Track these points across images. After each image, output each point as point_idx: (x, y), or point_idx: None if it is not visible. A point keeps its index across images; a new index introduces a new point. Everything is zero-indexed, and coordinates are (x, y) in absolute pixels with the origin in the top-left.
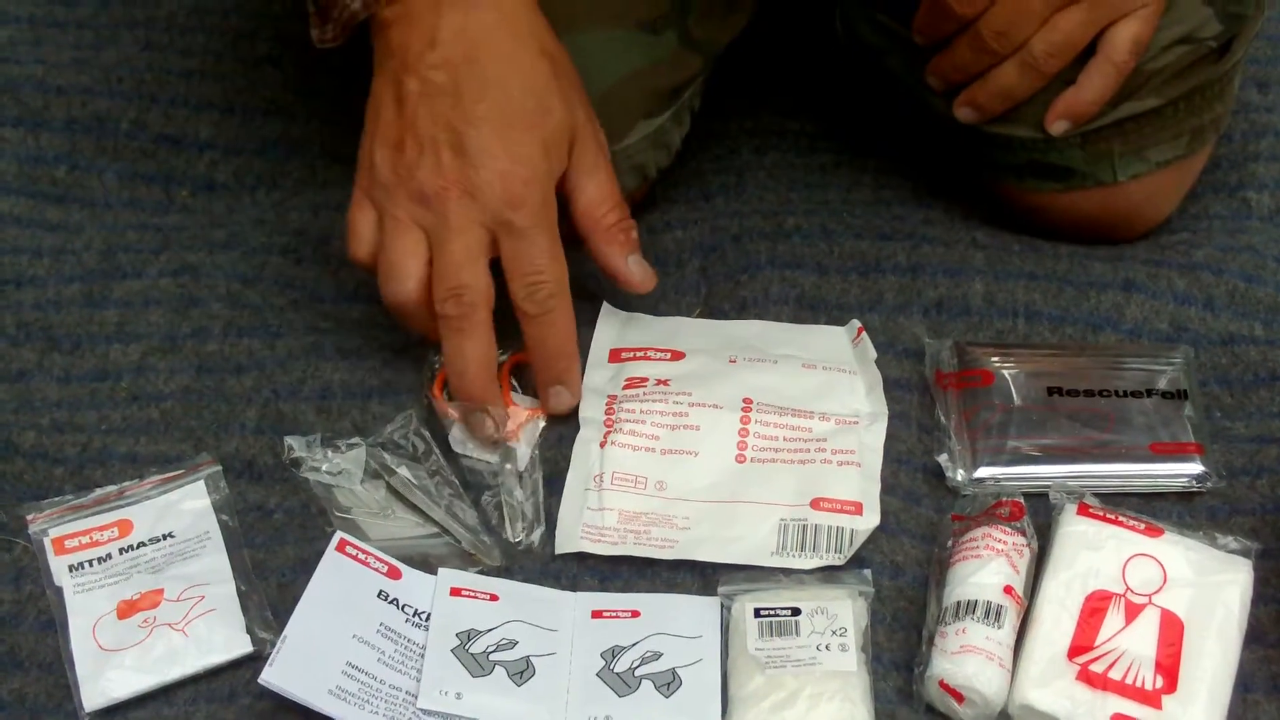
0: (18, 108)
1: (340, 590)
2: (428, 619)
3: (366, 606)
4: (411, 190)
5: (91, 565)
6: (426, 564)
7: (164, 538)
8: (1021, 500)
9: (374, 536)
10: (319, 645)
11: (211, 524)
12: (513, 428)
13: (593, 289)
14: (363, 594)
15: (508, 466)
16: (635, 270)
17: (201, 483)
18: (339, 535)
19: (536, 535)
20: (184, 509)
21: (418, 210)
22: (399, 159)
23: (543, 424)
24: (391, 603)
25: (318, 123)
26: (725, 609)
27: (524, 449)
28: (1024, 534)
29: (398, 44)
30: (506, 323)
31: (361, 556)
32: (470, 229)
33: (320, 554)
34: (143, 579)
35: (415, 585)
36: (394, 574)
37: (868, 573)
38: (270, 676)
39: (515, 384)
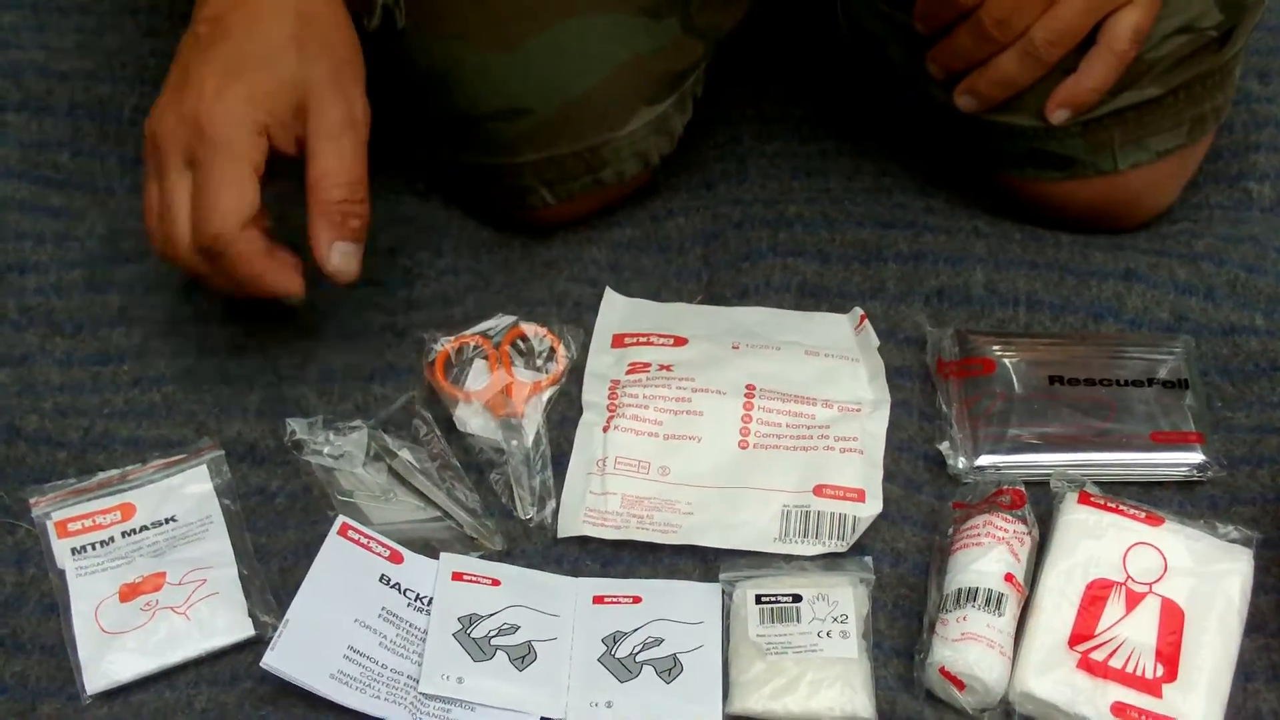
0: (20, 92)
1: (342, 574)
2: (429, 603)
3: (368, 591)
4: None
5: (94, 549)
6: (428, 548)
7: (166, 521)
8: (1023, 488)
9: (375, 520)
10: (321, 629)
11: (214, 508)
12: (517, 402)
13: (594, 275)
14: (365, 578)
15: (514, 443)
16: (337, 259)
17: (204, 467)
18: (341, 519)
19: (548, 511)
20: (186, 493)
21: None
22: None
23: (547, 397)
24: (393, 587)
25: None
26: (726, 595)
27: (529, 425)
28: (1025, 522)
29: None
30: (506, 291)
31: (363, 541)
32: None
33: (322, 538)
34: (145, 562)
35: (417, 570)
36: (396, 558)
37: (869, 560)
38: (272, 660)
39: (515, 357)
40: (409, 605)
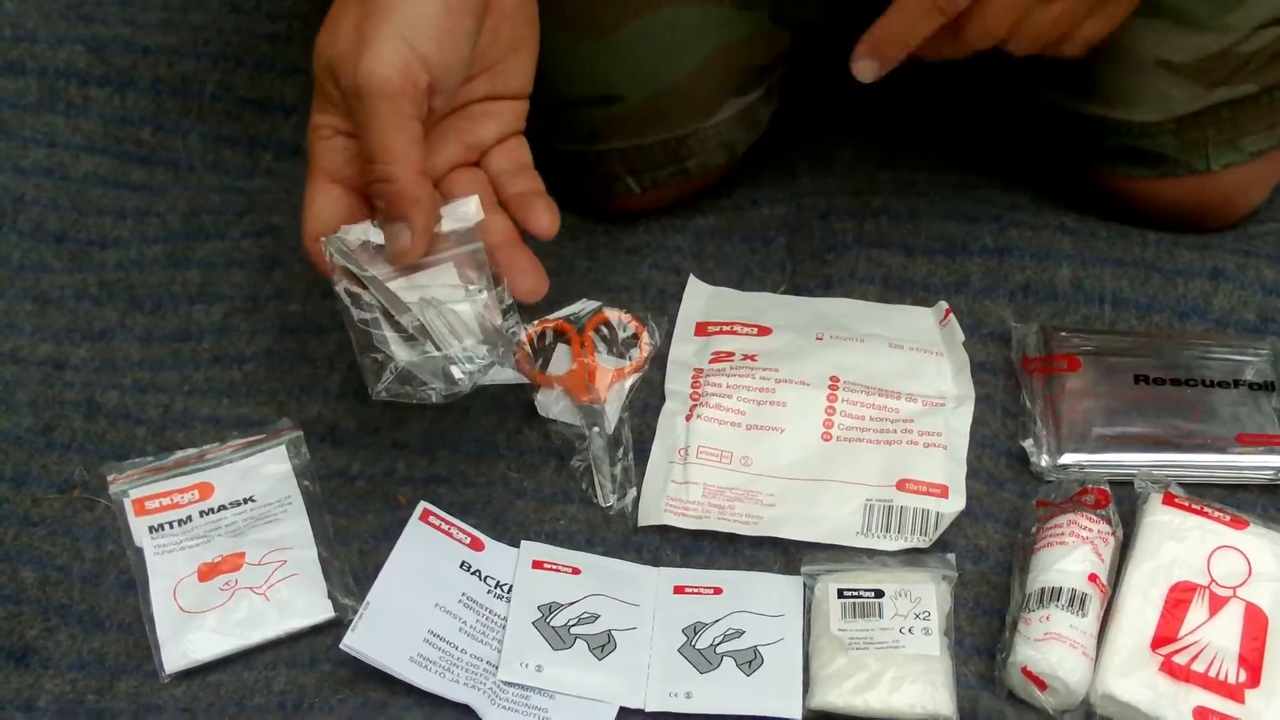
0: (105, 67)
1: (423, 559)
2: (509, 591)
3: (449, 576)
4: None
5: (172, 527)
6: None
7: (245, 501)
8: (1107, 488)
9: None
10: (401, 613)
11: (293, 489)
12: (599, 388)
13: (677, 262)
14: (445, 564)
15: (595, 429)
16: (387, 241)
17: (283, 447)
18: (423, 505)
19: (628, 499)
20: (265, 473)
21: None
22: None
23: (629, 384)
24: (474, 574)
25: None
26: (808, 588)
27: (611, 411)
28: (1109, 522)
29: None
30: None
31: (444, 527)
32: None
33: (402, 522)
34: (224, 542)
35: (497, 557)
36: (476, 545)
37: (951, 556)
38: (352, 641)
39: (598, 343)
40: (489, 592)
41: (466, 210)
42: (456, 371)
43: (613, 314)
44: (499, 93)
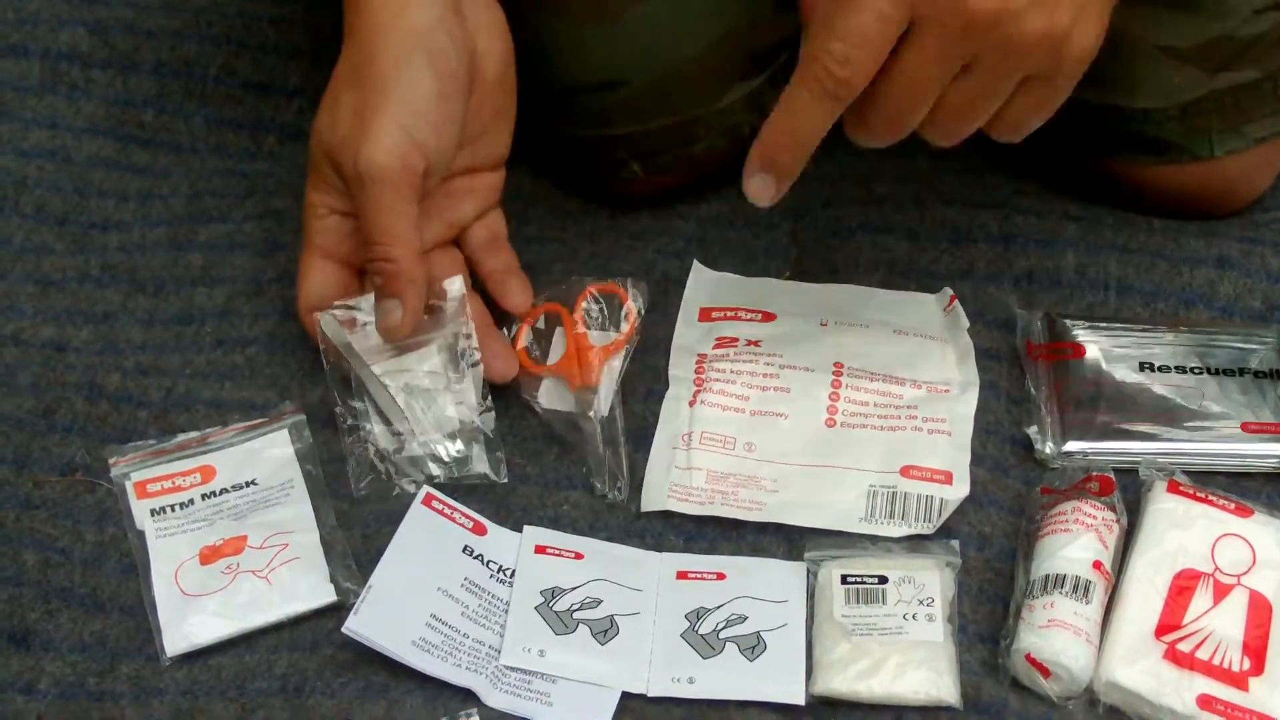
0: (107, 50)
1: (425, 543)
2: (512, 575)
3: (451, 560)
4: None
5: (174, 510)
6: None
7: (247, 485)
8: (1111, 475)
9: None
10: (403, 596)
11: (295, 473)
12: (593, 367)
13: (681, 248)
14: (448, 548)
15: (590, 414)
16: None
17: (285, 431)
18: (425, 489)
19: (624, 482)
20: (267, 456)
21: None
22: None
23: (618, 364)
24: (476, 558)
25: None
26: (811, 574)
27: (606, 393)
28: (1113, 509)
29: None
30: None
31: (447, 511)
32: None
33: (404, 507)
34: (226, 525)
35: (500, 541)
36: (479, 530)
37: (955, 543)
38: (354, 625)
39: (587, 321)
40: (491, 576)
41: (452, 286)
42: (434, 468)
43: (596, 286)
44: (479, 164)
